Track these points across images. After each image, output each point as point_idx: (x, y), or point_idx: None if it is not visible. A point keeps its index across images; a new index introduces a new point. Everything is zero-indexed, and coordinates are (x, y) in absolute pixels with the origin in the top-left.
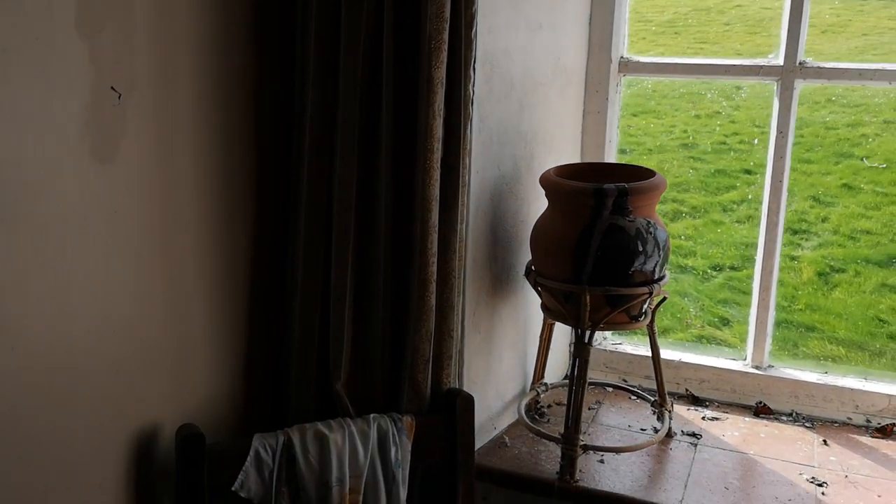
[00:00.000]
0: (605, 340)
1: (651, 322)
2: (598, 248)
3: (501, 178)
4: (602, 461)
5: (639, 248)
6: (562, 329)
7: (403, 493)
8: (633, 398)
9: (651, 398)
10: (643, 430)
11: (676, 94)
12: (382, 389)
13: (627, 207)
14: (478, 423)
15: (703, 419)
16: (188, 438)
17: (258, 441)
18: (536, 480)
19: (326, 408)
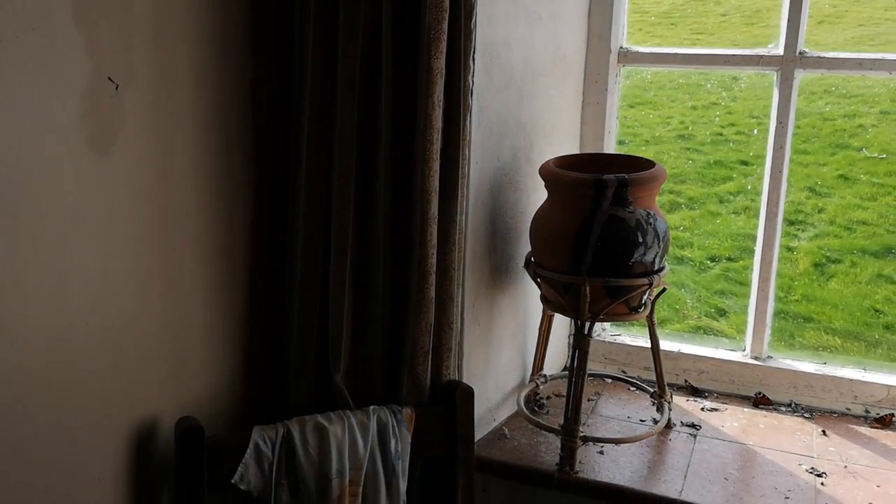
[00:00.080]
0: (605, 332)
1: (651, 313)
2: (598, 239)
3: (501, 170)
4: (602, 452)
5: (639, 239)
6: (561, 320)
7: (403, 485)
8: (633, 389)
9: (650, 389)
10: (642, 422)
11: (673, 86)
12: (382, 381)
13: (627, 198)
14: (477, 415)
15: (703, 410)
16: (187, 431)
17: (258, 433)
18: (536, 472)
19: (326, 400)
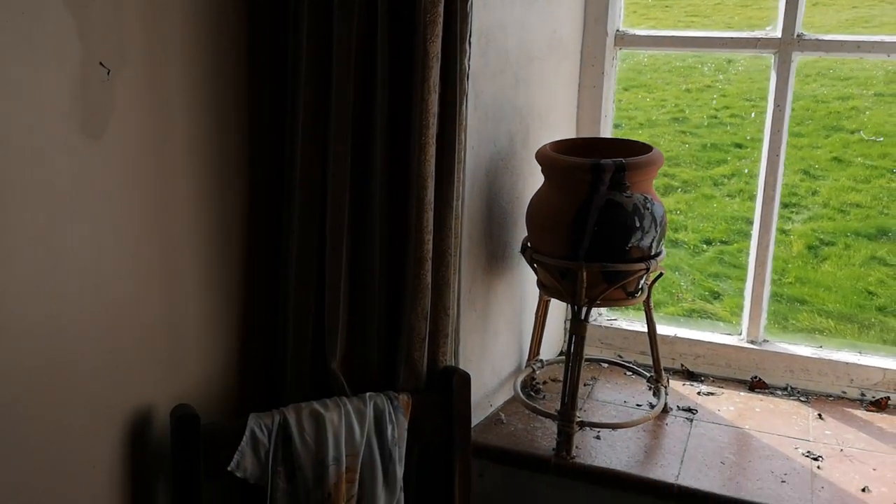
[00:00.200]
0: (601, 316)
1: (647, 298)
2: (595, 224)
3: (497, 154)
4: (598, 437)
5: (636, 224)
6: (557, 305)
7: (400, 471)
8: (629, 374)
9: (647, 374)
10: (639, 406)
11: (668, 69)
12: (378, 368)
13: (625, 183)
14: (474, 401)
15: (699, 394)
16: (183, 419)
17: (254, 421)
18: (533, 457)
19: (322, 387)
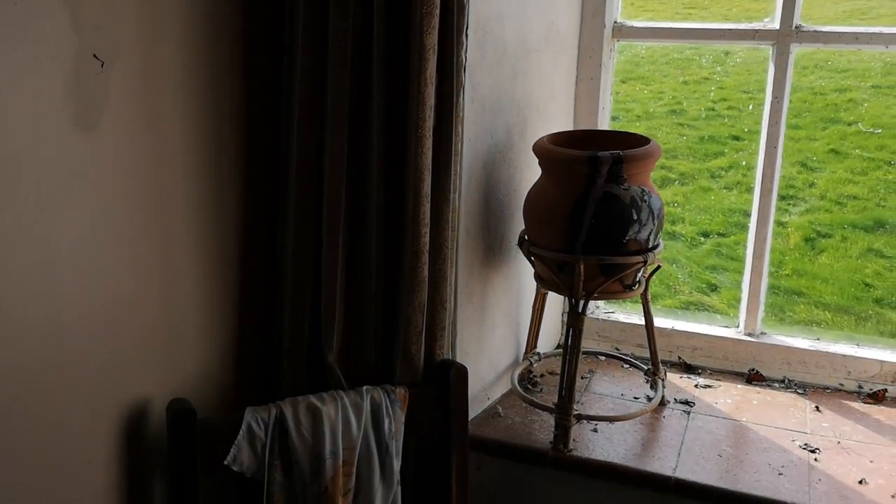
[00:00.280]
0: (598, 309)
1: (645, 291)
2: (593, 217)
3: (494, 147)
4: (595, 430)
5: (633, 217)
6: (555, 298)
7: (397, 465)
8: (626, 367)
9: (644, 367)
10: (636, 399)
11: (665, 61)
12: (375, 361)
13: (622, 175)
14: (471, 394)
15: (696, 387)
16: (179, 413)
17: (250, 415)
18: (530, 450)
19: (319, 380)
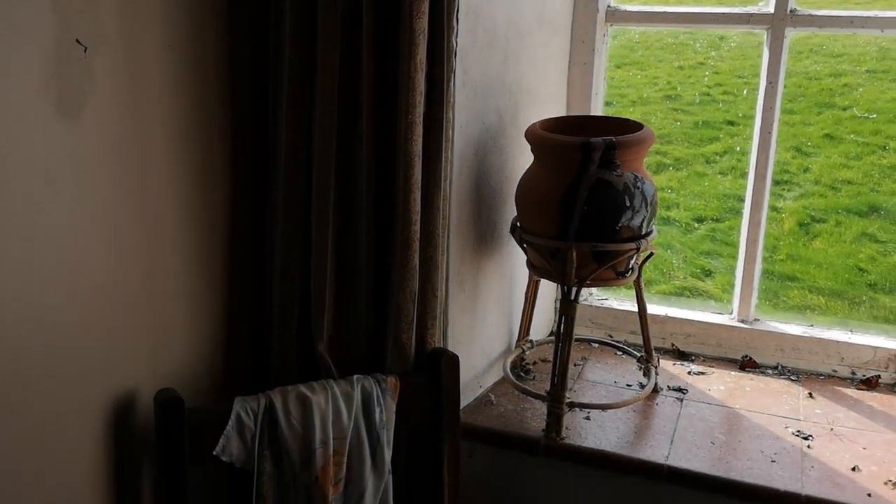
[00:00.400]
0: (591, 296)
1: (638, 278)
2: (585, 204)
3: (486, 133)
4: (588, 418)
5: (626, 204)
6: (548, 284)
7: (388, 454)
8: (619, 354)
9: (637, 354)
10: (629, 386)
11: (660, 45)
12: (366, 350)
13: (615, 162)
14: (463, 382)
15: (689, 374)
16: (167, 403)
17: (239, 404)
18: (522, 438)
19: (309, 370)
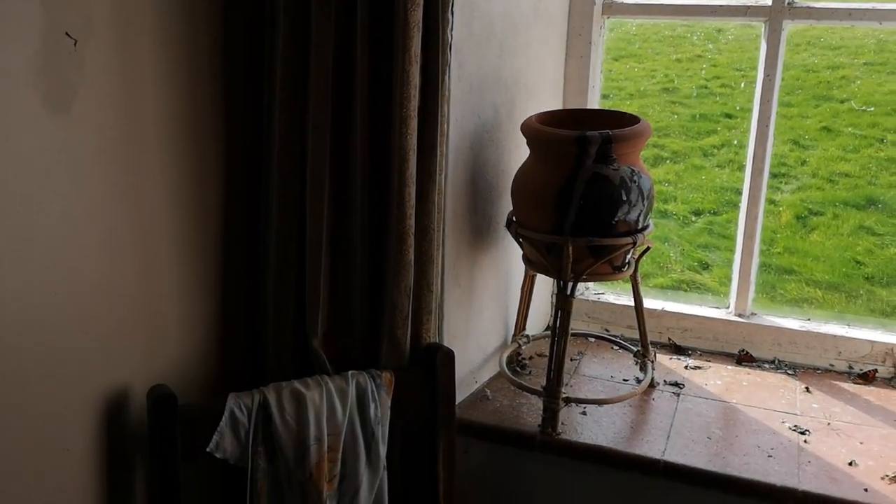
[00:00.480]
0: (588, 290)
1: (634, 272)
2: (581, 198)
3: (481, 127)
4: (584, 413)
5: (623, 198)
6: (544, 279)
7: (383, 450)
8: (616, 348)
9: (634, 348)
10: (625, 381)
11: (658, 38)
12: (361, 346)
13: (611, 155)
14: (459, 377)
15: (686, 368)
16: (160, 399)
17: (233, 401)
18: (518, 433)
19: (303, 365)
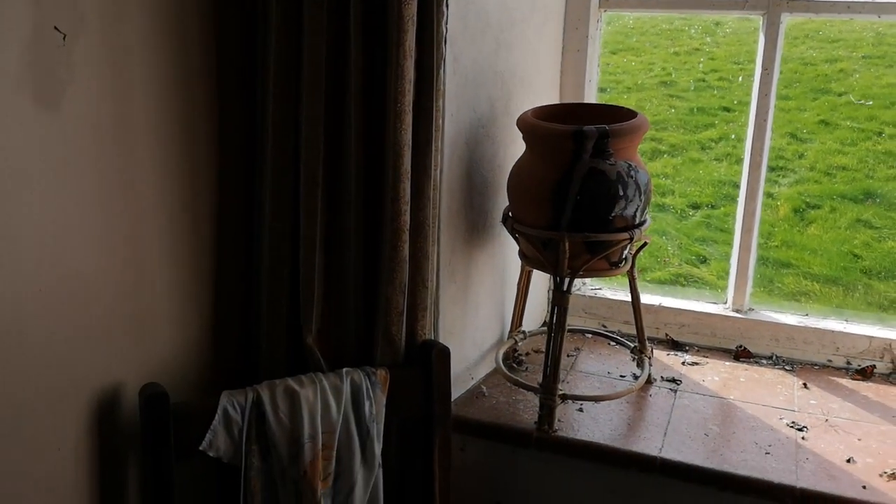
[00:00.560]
0: (585, 286)
1: (632, 268)
2: (578, 193)
3: (477, 121)
4: (581, 410)
5: (619, 193)
6: (540, 274)
7: (378, 448)
8: (613, 344)
9: (631, 345)
10: (622, 377)
11: (655, 31)
12: (355, 342)
13: (608, 150)
14: (454, 374)
15: (683, 364)
16: (152, 398)
17: (226, 399)
18: (514, 430)
19: (297, 363)
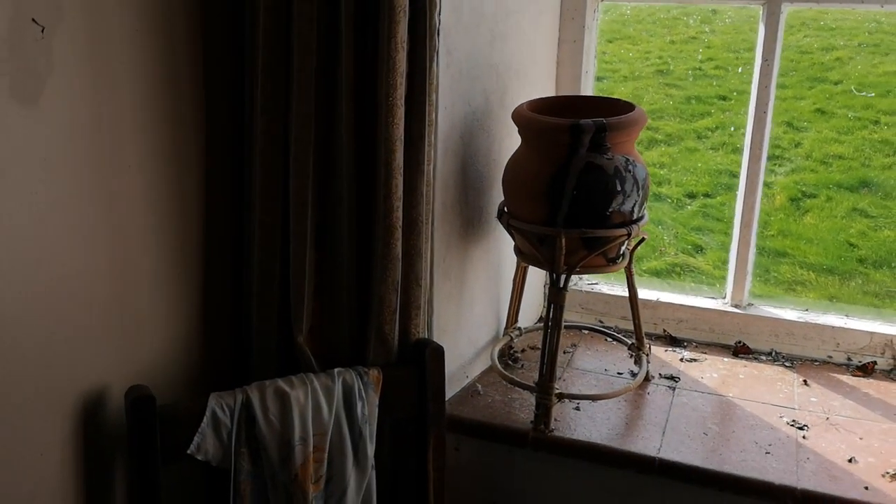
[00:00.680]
0: (581, 281)
1: (629, 264)
2: (575, 188)
3: (472, 115)
4: (578, 408)
5: (617, 188)
6: (536, 270)
7: (371, 449)
8: (610, 340)
9: (628, 341)
10: (620, 374)
11: (652, 20)
12: (347, 342)
13: (605, 144)
14: (449, 372)
15: (682, 360)
16: (138, 401)
17: (214, 401)
18: (510, 430)
19: (288, 363)
